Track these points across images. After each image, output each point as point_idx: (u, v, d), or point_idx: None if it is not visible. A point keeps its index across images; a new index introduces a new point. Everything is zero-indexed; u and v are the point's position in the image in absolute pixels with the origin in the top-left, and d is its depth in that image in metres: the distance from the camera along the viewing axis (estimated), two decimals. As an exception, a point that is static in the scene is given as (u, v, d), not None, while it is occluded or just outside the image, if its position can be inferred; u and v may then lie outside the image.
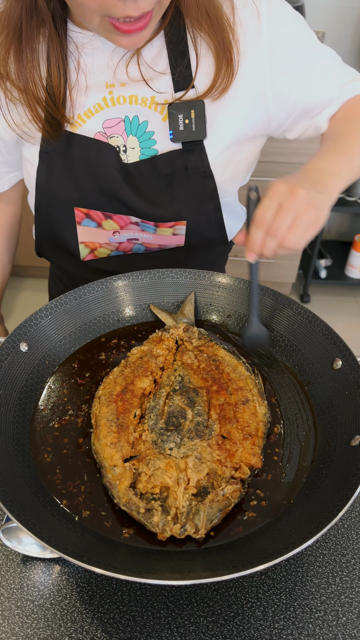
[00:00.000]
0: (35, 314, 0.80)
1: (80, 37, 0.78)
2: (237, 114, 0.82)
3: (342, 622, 0.61)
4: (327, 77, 0.83)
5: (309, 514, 0.59)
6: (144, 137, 0.83)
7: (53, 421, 0.73)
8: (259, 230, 0.66)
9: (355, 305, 2.70)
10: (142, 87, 0.80)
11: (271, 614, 0.62)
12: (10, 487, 0.61)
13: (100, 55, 0.79)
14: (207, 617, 0.61)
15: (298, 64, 0.81)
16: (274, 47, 0.79)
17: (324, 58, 0.83)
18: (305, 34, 0.82)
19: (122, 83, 0.80)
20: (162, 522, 0.59)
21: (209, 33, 0.76)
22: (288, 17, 0.80)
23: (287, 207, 0.64)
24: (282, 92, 0.82)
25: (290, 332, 0.82)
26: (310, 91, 0.82)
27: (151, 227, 0.90)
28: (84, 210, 0.88)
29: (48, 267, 1.24)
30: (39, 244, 0.99)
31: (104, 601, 0.62)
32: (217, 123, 0.82)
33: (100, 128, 0.83)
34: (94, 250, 0.97)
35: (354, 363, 0.72)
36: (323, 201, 0.67)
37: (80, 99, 0.81)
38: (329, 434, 0.69)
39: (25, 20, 0.73)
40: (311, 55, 0.81)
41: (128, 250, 0.98)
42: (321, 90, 0.83)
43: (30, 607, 0.62)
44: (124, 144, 0.83)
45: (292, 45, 0.80)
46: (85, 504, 0.64)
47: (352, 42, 2.40)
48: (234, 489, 0.63)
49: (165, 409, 0.72)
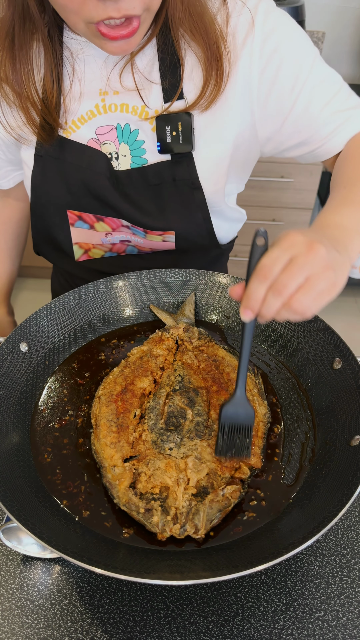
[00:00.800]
0: (35, 314, 0.80)
1: (74, 44, 0.78)
2: (227, 125, 0.80)
3: (342, 622, 0.61)
4: (321, 98, 0.78)
5: (309, 514, 0.59)
6: (135, 145, 0.83)
7: (53, 421, 0.73)
8: (261, 284, 0.53)
9: (355, 305, 2.70)
10: (134, 96, 0.79)
11: (271, 614, 0.62)
12: (10, 487, 0.61)
13: (93, 62, 0.79)
14: (207, 617, 0.61)
15: (287, 79, 0.76)
16: (264, 58, 0.75)
17: (320, 76, 0.78)
18: (301, 49, 0.77)
19: (115, 91, 0.80)
20: (161, 522, 0.60)
21: (198, 43, 0.74)
22: (285, 28, 0.76)
23: (300, 263, 0.52)
24: (267, 106, 0.78)
25: (290, 332, 0.82)
26: (300, 110, 0.78)
27: (141, 233, 0.90)
28: (76, 213, 0.89)
29: (48, 267, 1.25)
30: (36, 244, 1.00)
31: (104, 601, 0.62)
32: (207, 134, 0.81)
33: (93, 134, 0.83)
34: (87, 251, 0.97)
35: (354, 363, 0.72)
36: (343, 264, 0.57)
37: (74, 105, 0.81)
38: (329, 434, 0.69)
39: (18, 25, 0.73)
40: (303, 71, 0.76)
41: (122, 252, 0.98)
42: (312, 112, 0.78)
43: (30, 607, 0.62)
44: (116, 151, 0.84)
45: (284, 58, 0.75)
46: (85, 504, 0.64)
47: (352, 42, 2.40)
48: (234, 489, 0.63)
49: (165, 409, 0.72)
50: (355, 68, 2.48)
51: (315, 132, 0.80)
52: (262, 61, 0.76)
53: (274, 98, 0.78)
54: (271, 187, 2.22)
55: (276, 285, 0.53)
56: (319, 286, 0.53)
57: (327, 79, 0.79)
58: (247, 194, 2.19)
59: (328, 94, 0.78)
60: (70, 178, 0.84)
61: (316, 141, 0.81)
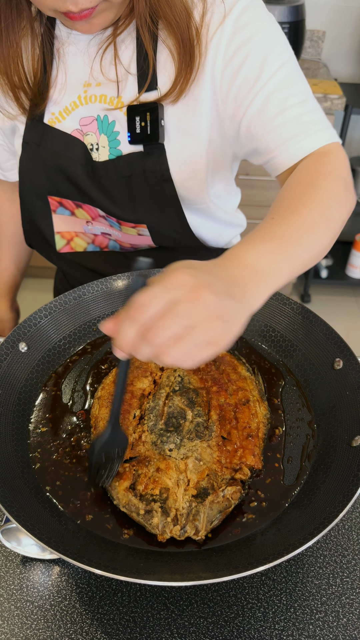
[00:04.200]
0: (34, 314, 0.80)
1: (62, 35, 0.81)
2: (198, 119, 0.79)
3: (343, 623, 0.61)
4: (279, 104, 0.71)
5: (309, 515, 0.59)
6: (112, 136, 0.84)
7: (52, 422, 0.73)
8: (131, 326, 0.46)
9: (356, 305, 2.69)
10: (112, 87, 0.81)
11: (272, 615, 0.62)
12: (10, 487, 0.61)
13: (76, 52, 0.81)
14: (208, 618, 0.61)
15: (248, 77, 0.72)
16: (229, 51, 0.73)
17: (286, 81, 0.72)
18: (273, 49, 0.72)
19: (97, 83, 0.82)
20: (162, 524, 0.59)
21: (171, 34, 0.74)
22: (259, 25, 0.72)
23: (179, 311, 0.45)
24: (227, 103, 0.75)
25: (290, 332, 0.82)
26: (254, 111, 0.73)
27: (116, 224, 0.91)
28: (56, 199, 0.91)
29: (48, 267, 1.25)
30: (27, 235, 1.01)
31: (103, 602, 0.62)
32: (180, 127, 0.81)
33: (77, 125, 0.85)
34: (70, 242, 0.98)
35: (355, 363, 0.72)
36: (237, 313, 0.49)
37: (58, 96, 0.84)
38: (330, 434, 0.69)
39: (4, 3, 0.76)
40: (268, 71, 0.71)
41: (104, 247, 0.99)
42: (266, 116, 0.72)
43: (30, 608, 0.62)
44: (97, 142, 0.85)
45: (250, 54, 0.71)
46: (83, 504, 0.63)
47: (352, 42, 2.40)
48: (234, 490, 0.62)
49: (165, 410, 0.71)
50: (355, 68, 2.47)
51: (267, 140, 0.73)
52: (227, 54, 0.73)
53: (233, 95, 0.74)
54: (271, 187, 2.22)
55: (146, 332, 0.46)
56: (200, 337, 0.46)
57: (294, 86, 0.72)
58: (247, 194, 2.19)
59: (289, 101, 0.71)
60: (49, 163, 0.87)
61: (268, 151, 0.74)
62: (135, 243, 0.95)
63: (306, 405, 0.75)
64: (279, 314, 0.83)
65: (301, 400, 0.75)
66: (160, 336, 0.45)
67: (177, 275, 0.47)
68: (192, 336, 0.45)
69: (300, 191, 0.64)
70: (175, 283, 0.46)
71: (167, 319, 0.45)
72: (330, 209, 0.63)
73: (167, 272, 0.48)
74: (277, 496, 0.64)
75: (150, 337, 0.46)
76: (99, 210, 0.90)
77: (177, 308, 0.45)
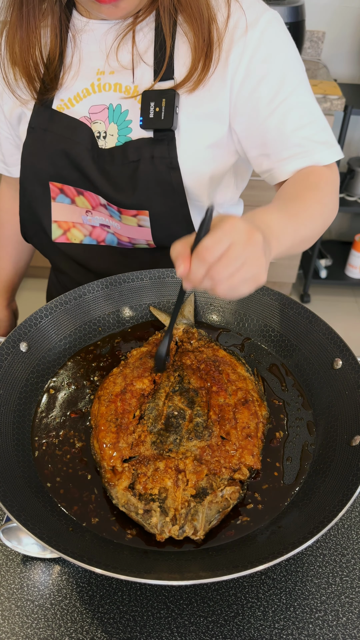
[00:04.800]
0: (35, 314, 0.80)
1: (79, 24, 0.83)
2: (210, 113, 0.82)
3: (343, 622, 0.61)
4: (296, 120, 0.79)
5: (309, 514, 0.59)
6: (123, 125, 0.85)
7: (53, 422, 0.73)
8: (201, 266, 0.56)
9: (355, 305, 2.70)
10: (127, 76, 0.83)
11: (271, 614, 0.62)
12: (10, 487, 0.61)
13: (93, 40, 0.83)
14: (207, 617, 0.61)
15: (268, 91, 0.78)
16: (253, 64, 0.78)
17: (301, 99, 0.80)
18: (291, 68, 0.79)
19: (111, 71, 0.83)
20: (160, 523, 0.59)
21: (190, 25, 0.77)
22: (281, 43, 0.79)
23: (236, 252, 0.55)
24: (241, 111, 0.81)
25: (290, 332, 0.82)
26: (275, 122, 0.80)
27: (116, 213, 0.91)
28: (58, 185, 0.92)
29: (48, 267, 1.25)
30: (23, 224, 1.01)
31: (104, 601, 0.62)
32: (191, 117, 0.82)
33: (86, 113, 0.86)
34: (66, 232, 0.98)
35: (355, 363, 0.72)
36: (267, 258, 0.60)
37: (70, 82, 0.86)
38: (329, 434, 0.69)
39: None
40: (286, 88, 0.78)
41: (101, 241, 0.99)
42: (285, 129, 0.79)
43: (30, 607, 0.62)
44: (105, 130, 0.86)
45: (271, 70, 0.78)
46: (83, 502, 0.63)
47: (352, 42, 2.40)
48: (233, 490, 0.63)
49: (165, 410, 0.72)
50: (355, 68, 2.48)
51: (279, 150, 0.81)
52: (250, 66, 0.78)
53: (251, 105, 0.80)
54: (271, 186, 2.21)
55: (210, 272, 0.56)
56: (248, 273, 0.57)
57: (308, 105, 0.81)
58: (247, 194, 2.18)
59: (304, 119, 0.80)
60: (54, 147, 0.87)
61: (276, 160, 0.82)
62: (133, 237, 0.94)
63: (305, 404, 0.75)
64: (279, 314, 0.83)
65: (301, 399, 0.76)
66: (221, 273, 0.56)
67: (233, 221, 0.56)
68: (242, 272, 0.56)
69: (305, 186, 0.77)
70: (233, 227, 0.55)
71: (227, 259, 0.55)
72: (325, 206, 0.77)
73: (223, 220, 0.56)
74: (277, 496, 0.64)
75: (212, 273, 0.56)
76: (100, 199, 0.90)
77: (235, 250, 0.55)
